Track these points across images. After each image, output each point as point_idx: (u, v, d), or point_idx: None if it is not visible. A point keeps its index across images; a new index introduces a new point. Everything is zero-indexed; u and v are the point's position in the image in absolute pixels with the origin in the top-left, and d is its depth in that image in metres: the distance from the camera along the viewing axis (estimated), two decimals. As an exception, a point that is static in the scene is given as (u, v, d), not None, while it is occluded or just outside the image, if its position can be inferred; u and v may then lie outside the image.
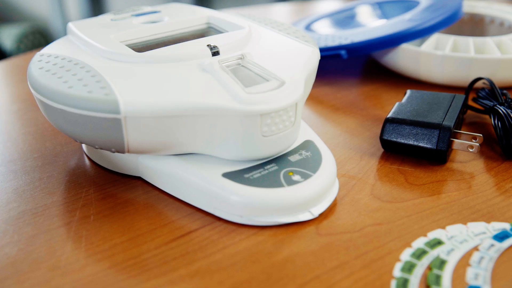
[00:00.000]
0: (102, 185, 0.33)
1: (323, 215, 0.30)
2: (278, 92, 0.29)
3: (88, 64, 0.32)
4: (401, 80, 0.49)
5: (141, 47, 0.35)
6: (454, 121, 0.34)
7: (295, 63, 0.33)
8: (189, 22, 0.39)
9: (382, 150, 0.37)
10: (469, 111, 0.42)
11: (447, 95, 0.38)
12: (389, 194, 0.32)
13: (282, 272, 0.26)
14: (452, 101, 0.37)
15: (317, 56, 0.35)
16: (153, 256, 0.27)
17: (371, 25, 0.49)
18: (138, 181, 0.34)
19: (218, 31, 0.38)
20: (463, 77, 0.44)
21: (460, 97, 0.37)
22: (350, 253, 0.27)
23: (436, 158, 0.34)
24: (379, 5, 0.55)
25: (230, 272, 0.26)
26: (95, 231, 0.29)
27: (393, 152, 0.36)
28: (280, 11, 0.80)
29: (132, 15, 0.40)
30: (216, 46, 0.33)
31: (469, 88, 0.41)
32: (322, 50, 0.46)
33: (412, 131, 0.34)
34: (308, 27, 0.55)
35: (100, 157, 0.35)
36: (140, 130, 0.29)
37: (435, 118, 0.34)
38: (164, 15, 0.40)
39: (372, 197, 0.32)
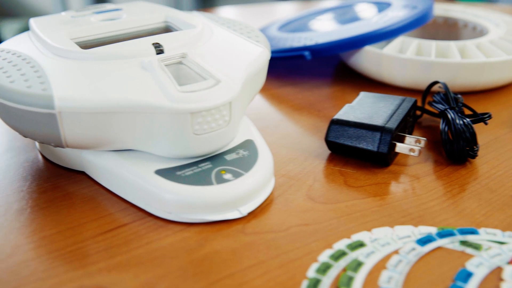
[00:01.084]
0: (47, 179, 0.34)
1: (253, 214, 0.30)
2: (211, 91, 0.30)
3: (35, 60, 0.32)
4: (366, 82, 0.49)
5: (91, 44, 0.36)
6: (397, 124, 0.34)
7: (239, 62, 0.33)
8: (146, 21, 0.39)
9: (329, 151, 0.37)
10: (425, 115, 0.41)
11: (397, 98, 0.37)
12: (324, 195, 0.32)
13: (198, 269, 0.26)
14: (400, 104, 0.36)
15: (265, 57, 0.36)
16: (78, 249, 0.28)
17: (337, 27, 0.49)
18: (82, 176, 0.34)
19: (173, 30, 0.38)
20: (424, 80, 0.44)
21: (410, 100, 0.37)
22: (270, 253, 0.27)
23: (378, 160, 0.34)
24: (353, 7, 0.55)
25: (148, 267, 0.26)
26: (28, 223, 0.30)
27: (339, 153, 0.36)
28: (283, 9, 0.80)
29: (94, 13, 0.41)
30: (160, 45, 0.33)
31: (426, 92, 0.41)
32: (286, 51, 0.46)
33: (356, 133, 0.34)
34: (282, 27, 0.55)
35: (49, 151, 0.36)
36: (75, 126, 0.30)
37: (378, 121, 0.34)
38: (124, 13, 0.40)
39: (306, 198, 0.32)
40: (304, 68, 0.53)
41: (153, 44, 0.33)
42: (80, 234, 0.29)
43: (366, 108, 0.36)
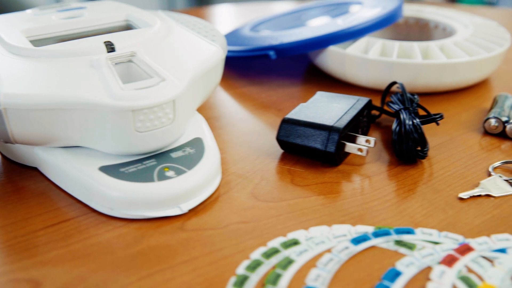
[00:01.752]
0: (0, 174, 0.34)
1: (195, 211, 0.30)
2: (154, 89, 0.30)
3: (-11, 56, 0.33)
4: (332, 82, 0.49)
5: (46, 42, 0.36)
6: (346, 123, 0.34)
7: (189, 61, 0.34)
8: (106, 19, 0.39)
9: (282, 150, 0.37)
10: (384, 115, 0.41)
11: (352, 97, 0.38)
12: (269, 193, 0.32)
13: (131, 264, 0.26)
14: (353, 104, 0.37)
15: (218, 56, 0.36)
16: (18, 243, 0.28)
17: (304, 27, 0.49)
18: (35, 172, 0.35)
19: (133, 29, 0.39)
20: (387, 80, 0.44)
21: (363, 100, 0.37)
22: (204, 249, 0.27)
23: (327, 159, 0.34)
24: (325, 7, 0.55)
25: (82, 262, 0.27)
26: (-26, 217, 0.30)
27: (290, 152, 0.36)
28: (279, 7, 0.80)
29: (57, 11, 0.41)
30: (112, 43, 0.33)
31: (386, 92, 0.41)
32: (252, 50, 0.47)
33: (305, 132, 0.34)
34: (254, 27, 0.55)
35: (4, 147, 0.37)
36: (21, 122, 0.30)
37: (327, 120, 0.34)
38: (87, 11, 0.41)
39: (250, 196, 0.32)
40: (275, 68, 0.53)
41: (105, 42, 0.34)
42: (23, 228, 0.29)
43: (319, 107, 0.36)
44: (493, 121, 0.39)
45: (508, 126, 0.38)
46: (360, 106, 0.36)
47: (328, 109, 0.36)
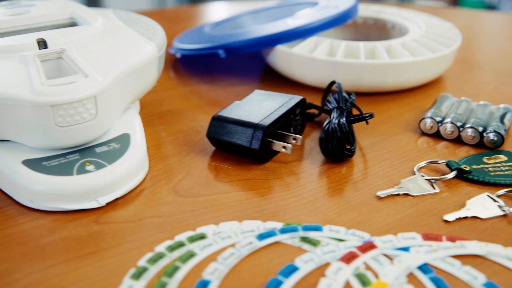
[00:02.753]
0: None
1: (113, 205, 0.31)
2: (75, 85, 0.31)
3: None
4: (282, 81, 0.49)
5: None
6: (272, 121, 0.34)
7: (118, 59, 0.34)
8: (51, 17, 0.40)
9: (214, 147, 0.37)
10: (324, 114, 0.42)
11: (286, 96, 0.38)
12: (190, 189, 0.33)
13: (39, 254, 0.27)
14: (285, 103, 0.37)
15: (152, 54, 0.37)
16: None
17: (256, 26, 0.50)
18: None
19: (73, 25, 0.39)
20: (332, 79, 0.44)
21: (296, 98, 0.38)
22: (113, 242, 0.28)
23: (253, 156, 0.35)
24: (287, 7, 0.56)
25: (-8, 251, 0.28)
26: None
27: (221, 149, 0.37)
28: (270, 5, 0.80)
29: (6, 7, 0.42)
30: (44, 40, 0.34)
31: (326, 91, 0.41)
32: (202, 49, 0.47)
33: (232, 130, 0.35)
34: (214, 26, 0.56)
35: None
36: None
37: (255, 118, 0.35)
38: (34, 8, 0.41)
39: (171, 191, 0.33)
40: (234, 67, 0.53)
41: (37, 39, 0.35)
42: None
43: (251, 105, 0.37)
44: (428, 121, 0.39)
45: (442, 126, 0.38)
46: (291, 104, 0.37)
47: (259, 107, 0.36)
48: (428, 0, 2.29)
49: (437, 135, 0.39)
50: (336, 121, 0.35)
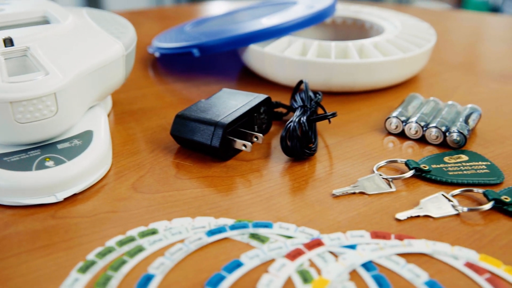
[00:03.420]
0: None
1: (71, 200, 0.32)
2: (35, 82, 0.31)
3: None
4: (257, 81, 0.49)
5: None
6: (233, 119, 0.35)
7: (82, 57, 0.35)
8: (24, 15, 0.41)
9: (179, 145, 0.38)
10: (291, 113, 0.42)
11: (252, 95, 0.38)
12: (149, 186, 0.33)
13: (-9, 248, 0.28)
14: (249, 101, 0.37)
15: (118, 53, 0.37)
16: None
17: (230, 26, 0.50)
18: None
19: (45, 23, 0.40)
20: (303, 78, 0.44)
21: (261, 97, 0.38)
22: (65, 236, 0.29)
23: (215, 154, 0.35)
24: (266, 7, 0.56)
25: None
26: None
27: (185, 147, 0.37)
28: None
29: (-17, 6, 0.43)
30: (9, 38, 0.35)
31: (295, 90, 0.41)
32: (177, 48, 0.48)
33: (194, 128, 0.35)
34: (195, 25, 0.56)
35: None
36: None
37: (216, 116, 0.35)
38: (8, 7, 0.42)
39: (130, 187, 0.33)
40: (213, 66, 0.54)
41: (4, 37, 0.35)
42: None
43: (216, 103, 0.37)
44: (393, 121, 0.39)
45: (406, 126, 0.38)
46: (255, 103, 0.37)
47: (223, 105, 0.37)
48: (432, 2, 2.28)
49: (402, 135, 0.39)
50: (297, 119, 0.35)
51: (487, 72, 0.53)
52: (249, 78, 0.50)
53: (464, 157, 0.36)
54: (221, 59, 0.55)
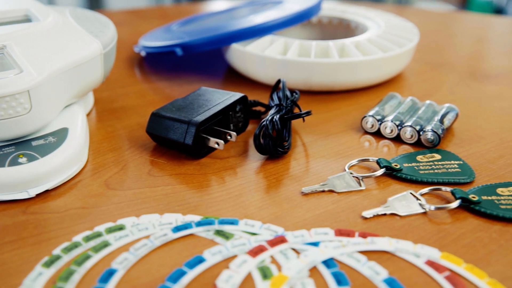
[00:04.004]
0: None
1: (44, 196, 0.32)
2: (8, 79, 0.32)
3: None
4: (242, 80, 0.50)
5: None
6: (206, 118, 0.35)
7: (58, 55, 0.36)
8: (6, 13, 0.42)
9: (155, 143, 0.38)
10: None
11: (228, 93, 0.39)
12: (121, 182, 0.34)
13: (-39, 242, 0.29)
14: (224, 100, 0.38)
15: (95, 51, 0.38)
16: None
17: (213, 25, 0.50)
18: None
19: (27, 22, 0.41)
20: (284, 78, 0.44)
21: (236, 95, 0.38)
22: (34, 231, 0.29)
23: (190, 152, 0.36)
24: (254, 7, 0.56)
25: None
26: None
27: (160, 144, 0.38)
28: None
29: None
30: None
31: (274, 89, 0.42)
32: (161, 47, 0.48)
33: (169, 125, 0.36)
34: (181, 25, 0.56)
35: None
36: None
37: (190, 114, 0.36)
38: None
39: (102, 184, 0.33)
40: (200, 66, 0.54)
41: (-18, 35, 0.36)
42: None
43: (192, 102, 0.38)
44: (369, 120, 0.39)
45: (382, 125, 0.39)
46: (230, 101, 0.37)
47: (198, 104, 0.37)
48: (435, 4, 2.27)
49: (379, 134, 0.39)
50: (270, 118, 0.35)
51: (471, 72, 0.53)
52: (234, 78, 0.51)
53: (437, 156, 0.36)
54: (208, 59, 0.55)
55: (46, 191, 0.32)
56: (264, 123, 0.35)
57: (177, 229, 0.29)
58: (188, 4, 0.85)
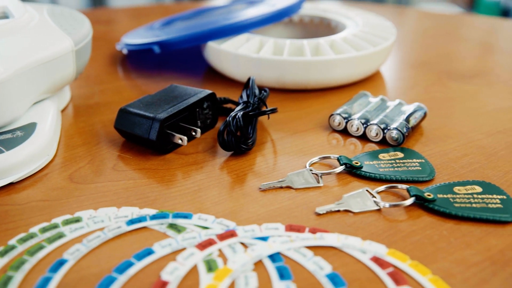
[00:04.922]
0: None
1: (8, 189, 0.33)
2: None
3: None
4: (221, 78, 0.50)
5: None
6: (170, 114, 0.36)
7: (28, 52, 0.36)
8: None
9: (124, 138, 0.39)
10: (241, 109, 0.43)
11: (196, 90, 0.39)
12: (85, 176, 0.34)
13: None
14: (192, 96, 0.38)
15: (66, 48, 0.39)
16: None
17: (193, 24, 0.51)
18: None
19: (3, 18, 0.42)
20: (257, 75, 0.45)
21: (204, 92, 0.39)
22: (-6, 222, 0.30)
23: (155, 147, 0.36)
24: (238, 5, 0.57)
25: None
26: None
27: (128, 140, 0.38)
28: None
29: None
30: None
31: (245, 87, 0.42)
32: (139, 44, 0.49)
33: (135, 121, 0.36)
34: (163, 24, 0.57)
35: None
36: None
37: (156, 111, 0.36)
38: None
39: (67, 177, 0.34)
40: (182, 64, 0.55)
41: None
42: None
43: (160, 98, 0.38)
44: (336, 118, 0.39)
45: (348, 123, 0.39)
46: (197, 98, 0.38)
47: (165, 100, 0.38)
48: (444, 5, 2.25)
49: (346, 132, 0.40)
50: (233, 115, 0.36)
51: (449, 72, 0.53)
52: (212, 76, 0.51)
53: (400, 154, 0.36)
54: (189, 57, 0.56)
55: (10, 184, 0.33)
56: (227, 120, 0.36)
57: (131, 222, 0.30)
58: (189, 2, 0.86)
